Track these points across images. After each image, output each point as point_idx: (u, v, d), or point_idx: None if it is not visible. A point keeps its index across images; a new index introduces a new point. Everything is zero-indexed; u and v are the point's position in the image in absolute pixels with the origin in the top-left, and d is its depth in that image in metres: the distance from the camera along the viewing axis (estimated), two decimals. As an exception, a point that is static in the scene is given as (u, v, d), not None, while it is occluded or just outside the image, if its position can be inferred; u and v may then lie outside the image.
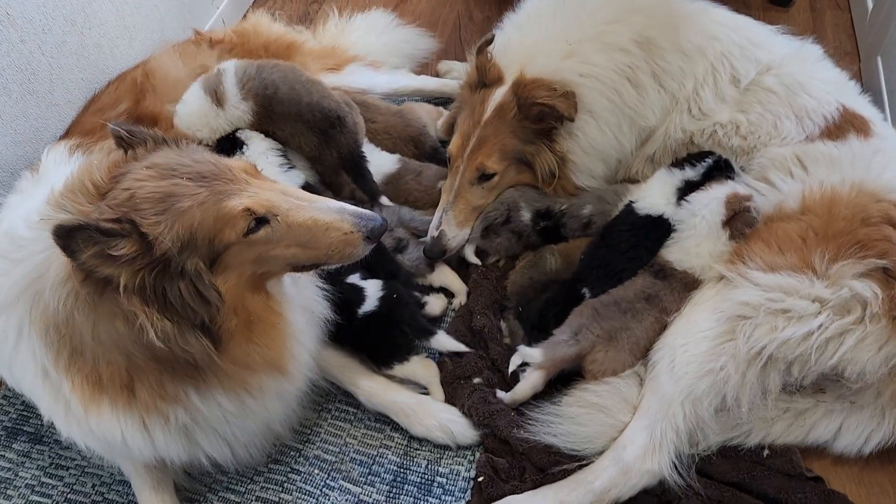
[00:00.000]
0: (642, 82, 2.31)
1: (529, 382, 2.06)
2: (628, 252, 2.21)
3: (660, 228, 2.22)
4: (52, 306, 1.53)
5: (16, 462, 2.15)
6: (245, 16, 3.59)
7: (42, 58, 2.45)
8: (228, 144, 2.42)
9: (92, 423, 1.64)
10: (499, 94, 2.31)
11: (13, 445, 2.19)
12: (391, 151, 2.70)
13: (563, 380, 2.10)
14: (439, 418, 2.08)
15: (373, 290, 2.19)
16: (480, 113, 2.34)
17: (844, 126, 2.24)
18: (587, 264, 2.24)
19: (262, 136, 2.48)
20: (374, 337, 2.17)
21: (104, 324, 1.50)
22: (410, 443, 2.13)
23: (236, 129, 2.48)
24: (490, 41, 2.36)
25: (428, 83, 3.12)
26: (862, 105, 2.35)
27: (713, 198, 2.17)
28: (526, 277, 2.33)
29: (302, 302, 1.92)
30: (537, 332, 2.15)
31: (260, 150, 2.41)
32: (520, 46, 2.36)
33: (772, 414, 1.97)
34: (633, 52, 2.29)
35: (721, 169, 2.28)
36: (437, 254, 2.39)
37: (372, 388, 2.14)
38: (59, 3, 2.50)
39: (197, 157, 1.60)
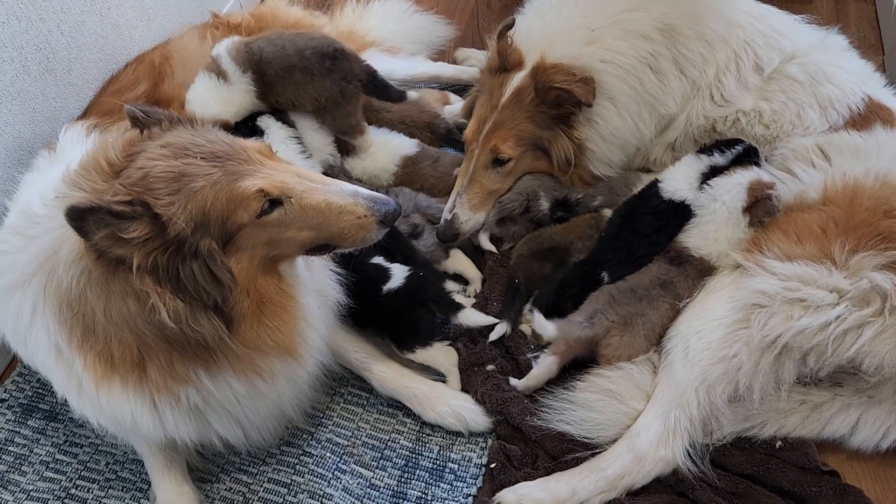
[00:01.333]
0: (663, 69, 2.29)
1: (543, 368, 2.06)
2: (650, 236, 2.20)
3: (681, 214, 2.21)
4: (65, 283, 1.53)
5: (31, 439, 2.16)
6: (262, 0, 3.58)
7: (61, 37, 2.45)
8: (248, 132, 2.42)
9: (103, 401, 1.64)
10: (517, 79, 2.30)
11: (28, 422, 2.20)
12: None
13: (576, 367, 2.09)
14: (452, 405, 2.07)
15: (399, 269, 2.19)
16: (498, 97, 2.33)
17: (870, 117, 2.22)
18: (608, 247, 2.23)
19: (280, 124, 2.49)
20: (398, 317, 2.15)
21: (116, 302, 1.51)
22: (423, 428, 2.12)
23: (254, 116, 2.50)
24: (510, 25, 2.35)
25: (445, 70, 3.12)
26: (888, 97, 2.32)
27: (736, 183, 2.15)
28: (526, 248, 2.35)
29: (315, 286, 1.91)
30: (552, 314, 2.12)
31: (279, 139, 2.42)
32: (541, 32, 2.34)
33: (787, 406, 1.95)
34: (655, 39, 2.27)
35: (749, 157, 2.25)
36: (449, 237, 2.39)
37: (385, 373, 2.14)
38: (78, -17, 2.51)
39: (211, 137, 1.59)
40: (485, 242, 2.44)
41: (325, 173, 2.43)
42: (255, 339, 1.64)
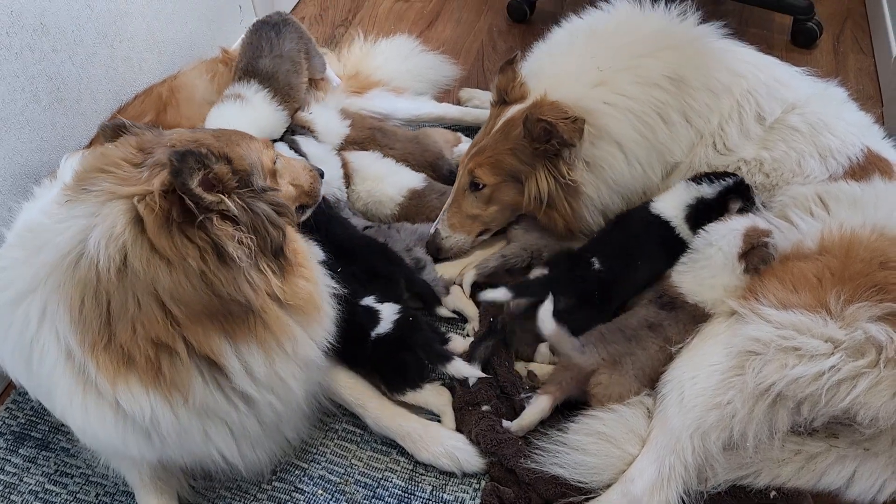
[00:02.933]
0: (672, 119, 2.32)
1: (536, 408, 2.05)
2: (640, 237, 2.29)
3: (663, 231, 2.28)
4: (95, 269, 1.52)
5: (21, 467, 2.15)
6: (272, 36, 3.64)
7: (72, 67, 2.50)
8: None
9: (121, 398, 1.60)
10: (512, 111, 2.34)
11: (19, 450, 2.19)
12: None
13: (570, 409, 2.08)
14: (446, 445, 2.06)
15: (388, 312, 2.20)
16: (492, 126, 2.38)
17: (869, 168, 2.23)
18: (599, 241, 2.35)
19: (292, 151, 2.56)
20: (387, 361, 2.16)
21: (167, 269, 1.52)
22: (416, 468, 2.11)
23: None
24: (513, 61, 2.39)
25: (449, 111, 3.15)
26: (887, 149, 2.34)
27: (731, 229, 2.16)
28: None
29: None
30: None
31: None
32: (550, 71, 2.37)
33: (782, 455, 1.94)
34: (666, 88, 2.29)
35: (739, 192, 2.28)
36: (433, 250, 2.46)
37: (380, 411, 2.13)
38: (91, 16, 2.55)
39: None
40: (467, 285, 2.42)
41: (327, 200, 2.49)
42: (294, 288, 1.73)
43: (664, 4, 2.43)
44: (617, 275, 2.24)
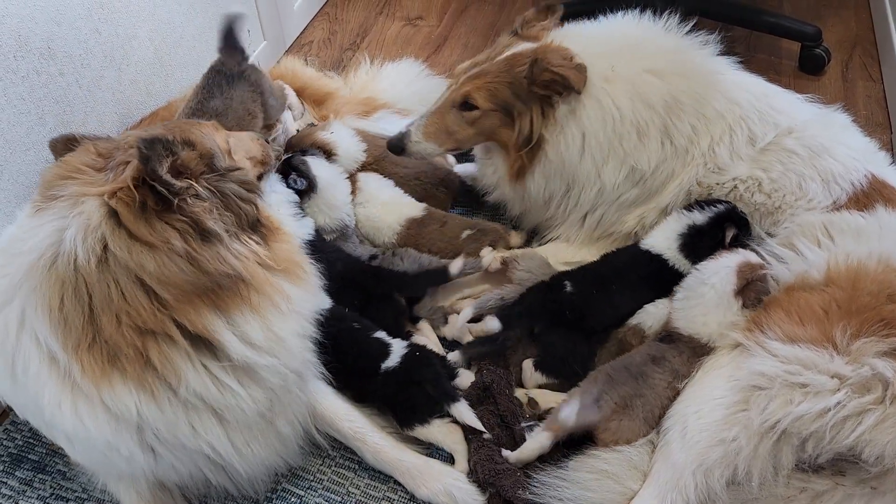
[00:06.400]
0: (649, 135, 2.32)
1: (536, 442, 2.01)
2: (621, 269, 2.31)
3: (654, 263, 2.29)
4: (73, 264, 1.52)
5: (17, 490, 2.14)
6: (279, 61, 3.66)
7: (79, 91, 2.51)
8: None
9: (107, 398, 1.57)
10: (522, 47, 2.36)
11: (16, 473, 2.18)
12: (423, 197, 2.77)
13: (570, 445, 2.04)
14: (444, 482, 2.02)
15: (397, 346, 2.19)
16: (498, 53, 2.39)
17: (873, 195, 2.21)
18: (578, 270, 2.37)
19: (284, 184, 2.55)
20: (396, 395, 2.14)
21: (150, 253, 1.53)
22: (414, 500, 2.07)
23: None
24: (554, 9, 2.45)
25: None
26: (892, 176, 2.31)
27: (724, 266, 2.12)
28: None
29: None
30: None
31: (278, 201, 2.44)
32: (576, 41, 2.36)
33: (787, 492, 1.88)
34: (657, 111, 2.30)
35: (733, 219, 2.27)
36: (396, 147, 2.50)
37: (379, 444, 2.09)
38: (99, 40, 2.57)
39: None
40: (463, 319, 2.37)
41: (341, 233, 2.56)
42: (278, 253, 1.77)
43: (687, 28, 2.43)
44: (588, 296, 2.25)
